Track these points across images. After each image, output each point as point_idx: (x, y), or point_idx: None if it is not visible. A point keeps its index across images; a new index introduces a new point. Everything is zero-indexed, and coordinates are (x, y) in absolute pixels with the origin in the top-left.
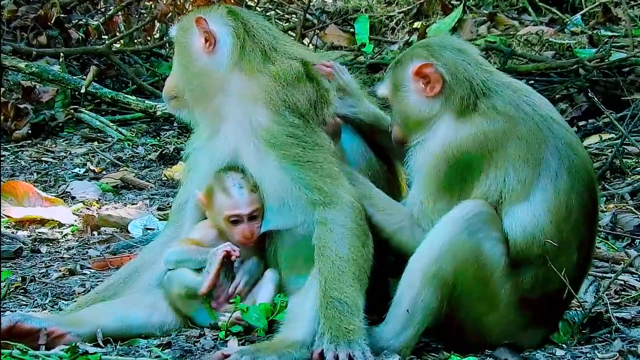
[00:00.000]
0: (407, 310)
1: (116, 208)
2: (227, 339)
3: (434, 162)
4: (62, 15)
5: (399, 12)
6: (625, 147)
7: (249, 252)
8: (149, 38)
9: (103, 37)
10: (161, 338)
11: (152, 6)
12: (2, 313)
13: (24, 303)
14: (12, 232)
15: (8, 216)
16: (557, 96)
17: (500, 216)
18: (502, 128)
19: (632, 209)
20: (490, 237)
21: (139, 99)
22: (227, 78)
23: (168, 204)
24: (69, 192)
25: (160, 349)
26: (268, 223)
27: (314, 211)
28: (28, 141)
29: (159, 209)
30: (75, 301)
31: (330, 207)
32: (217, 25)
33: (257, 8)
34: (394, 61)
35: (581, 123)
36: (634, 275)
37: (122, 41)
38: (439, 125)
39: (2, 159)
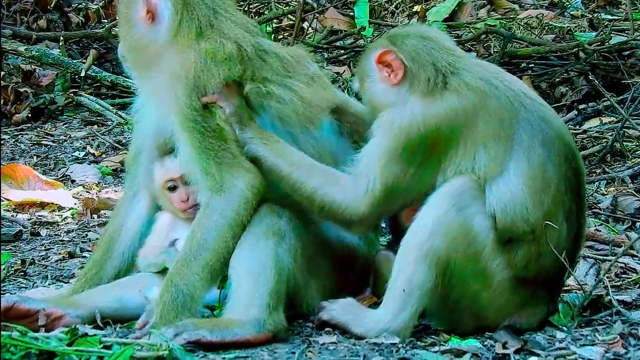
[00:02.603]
0: (403, 290)
1: (116, 191)
2: None
3: (397, 129)
4: None
5: None
6: (626, 130)
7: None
8: None
9: (103, 20)
10: None
11: None
12: (1, 295)
13: (24, 286)
14: (12, 215)
15: (8, 199)
16: (557, 79)
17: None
18: (473, 103)
19: (633, 191)
20: (479, 212)
21: None
22: (162, 52)
23: None
24: (69, 175)
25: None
26: (200, 194)
27: (205, 194)
28: (28, 125)
29: None
30: (70, 284)
31: (217, 193)
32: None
33: None
34: (360, 55)
35: (581, 106)
36: (635, 258)
37: None
38: (408, 103)
39: (1, 142)
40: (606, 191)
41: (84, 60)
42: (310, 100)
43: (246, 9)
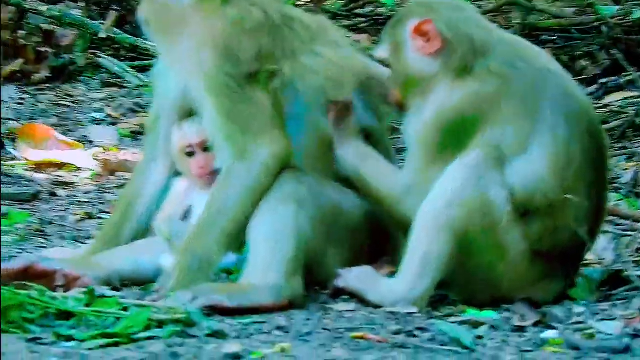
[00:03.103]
0: (420, 261)
1: (134, 153)
2: None
3: (427, 129)
4: None
5: None
6: None
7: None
8: None
9: None
10: None
11: None
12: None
13: (43, 246)
14: (31, 175)
15: (26, 159)
16: (578, 53)
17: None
18: (495, 88)
19: None
20: (496, 183)
21: None
22: (186, 16)
23: None
24: (88, 136)
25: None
26: (220, 160)
27: (228, 160)
28: (47, 85)
29: None
30: (87, 244)
31: (239, 160)
32: None
33: None
34: (391, 21)
35: (603, 81)
36: None
37: None
38: (435, 90)
39: (21, 101)
40: (626, 166)
41: (104, 22)
42: (341, 67)
43: None
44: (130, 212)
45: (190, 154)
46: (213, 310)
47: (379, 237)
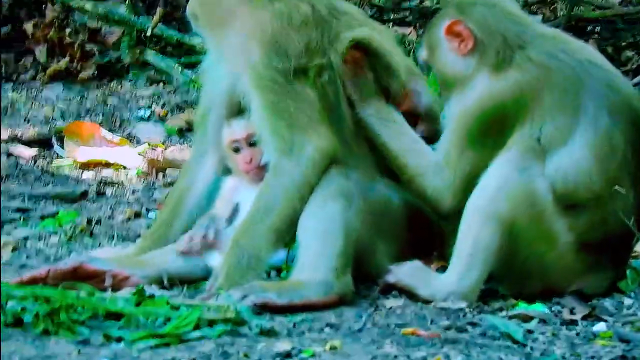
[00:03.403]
0: (469, 254)
1: (181, 150)
2: None
3: (468, 114)
4: None
5: None
6: None
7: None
8: None
9: None
10: None
11: None
12: (66, 256)
13: (90, 245)
14: (78, 174)
15: (74, 158)
16: (623, 43)
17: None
18: (537, 79)
19: None
20: (540, 174)
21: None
22: (235, 9)
23: None
24: (134, 134)
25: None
26: (266, 155)
27: (275, 156)
28: (94, 82)
29: None
30: (135, 243)
31: (286, 155)
32: None
33: None
34: (429, 24)
35: None
36: None
37: None
38: (476, 82)
39: (67, 100)
40: None
41: (151, 18)
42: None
43: None
44: (180, 209)
45: (237, 150)
46: (263, 308)
47: (427, 231)
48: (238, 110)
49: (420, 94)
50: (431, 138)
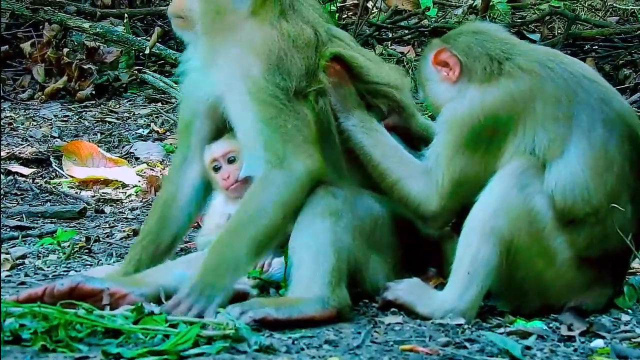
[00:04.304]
0: (468, 271)
1: None
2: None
3: (459, 120)
4: None
5: None
6: None
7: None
8: None
9: None
10: None
11: None
12: (65, 274)
13: (89, 263)
14: (76, 192)
15: (72, 176)
16: (620, 61)
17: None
18: (529, 86)
19: None
20: (539, 191)
21: None
22: (242, 21)
23: None
24: (133, 152)
25: (223, 308)
26: (246, 170)
27: (263, 167)
28: (92, 102)
29: None
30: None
31: (277, 169)
32: None
33: None
34: (418, 62)
35: None
36: None
37: None
38: (467, 92)
39: (65, 119)
40: None
41: (149, 38)
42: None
43: None
44: (167, 216)
45: (217, 169)
46: (262, 324)
47: (424, 247)
48: (221, 120)
49: (404, 107)
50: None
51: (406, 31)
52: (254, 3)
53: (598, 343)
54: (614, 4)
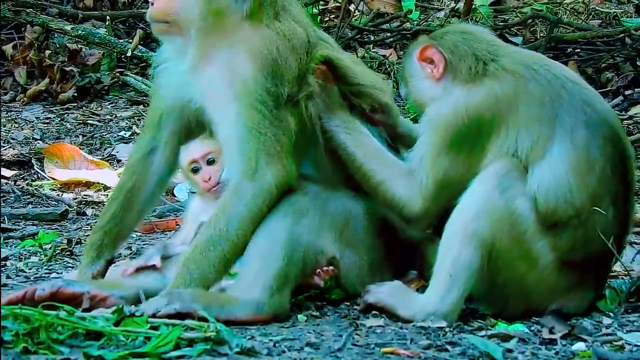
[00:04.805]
0: (449, 274)
1: None
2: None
3: (443, 121)
4: None
5: None
6: None
7: None
8: None
9: (149, 0)
10: None
11: None
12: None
13: (70, 265)
14: (58, 195)
15: (53, 178)
16: (603, 65)
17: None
18: (513, 87)
19: None
20: (521, 193)
21: None
22: (238, 23)
23: None
24: (115, 155)
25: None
26: (228, 172)
27: (236, 175)
28: (74, 104)
29: None
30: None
31: (248, 179)
32: None
33: None
34: (404, 58)
35: (627, 92)
36: None
37: None
38: (452, 92)
39: (47, 121)
40: None
41: (130, 40)
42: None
43: None
44: (133, 203)
45: (196, 170)
46: (184, 317)
47: (405, 250)
48: (196, 121)
49: (388, 108)
50: (394, 148)
51: (388, 34)
52: (251, 6)
53: (580, 346)
54: (596, 8)
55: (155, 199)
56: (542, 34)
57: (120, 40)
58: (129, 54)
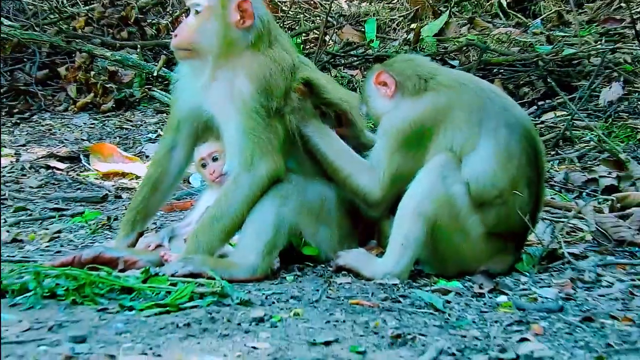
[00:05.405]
0: (401, 244)
1: None
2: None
3: (395, 128)
4: (139, 16)
5: (400, 16)
6: (575, 121)
7: None
8: None
9: (171, 32)
10: None
11: None
12: (91, 245)
13: (109, 237)
14: (100, 182)
15: (97, 170)
16: (521, 82)
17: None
18: (449, 99)
19: (579, 169)
20: (457, 181)
21: None
22: (242, 52)
23: None
24: (144, 152)
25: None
26: (228, 166)
27: (236, 168)
28: (112, 113)
29: None
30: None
31: (245, 171)
32: (257, 9)
33: (290, 12)
34: (363, 83)
35: (540, 103)
36: (582, 220)
37: None
38: (401, 105)
39: (92, 126)
40: (559, 168)
41: (156, 63)
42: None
43: (281, 24)
44: (158, 189)
45: (204, 165)
46: (196, 276)
47: (367, 225)
48: (205, 126)
49: (353, 120)
50: (358, 149)
51: (355, 58)
52: (254, 37)
53: (502, 298)
54: (516, 38)
55: (175, 185)
56: (474, 58)
57: (149, 64)
58: (155, 73)
